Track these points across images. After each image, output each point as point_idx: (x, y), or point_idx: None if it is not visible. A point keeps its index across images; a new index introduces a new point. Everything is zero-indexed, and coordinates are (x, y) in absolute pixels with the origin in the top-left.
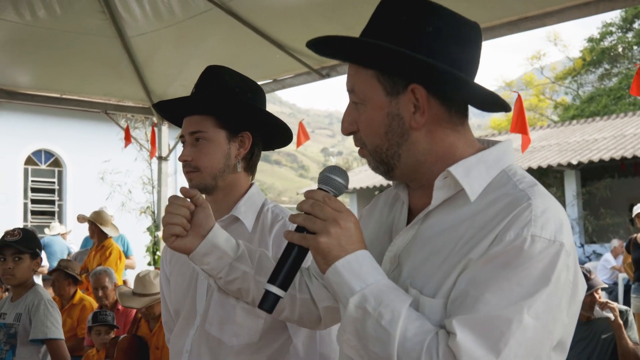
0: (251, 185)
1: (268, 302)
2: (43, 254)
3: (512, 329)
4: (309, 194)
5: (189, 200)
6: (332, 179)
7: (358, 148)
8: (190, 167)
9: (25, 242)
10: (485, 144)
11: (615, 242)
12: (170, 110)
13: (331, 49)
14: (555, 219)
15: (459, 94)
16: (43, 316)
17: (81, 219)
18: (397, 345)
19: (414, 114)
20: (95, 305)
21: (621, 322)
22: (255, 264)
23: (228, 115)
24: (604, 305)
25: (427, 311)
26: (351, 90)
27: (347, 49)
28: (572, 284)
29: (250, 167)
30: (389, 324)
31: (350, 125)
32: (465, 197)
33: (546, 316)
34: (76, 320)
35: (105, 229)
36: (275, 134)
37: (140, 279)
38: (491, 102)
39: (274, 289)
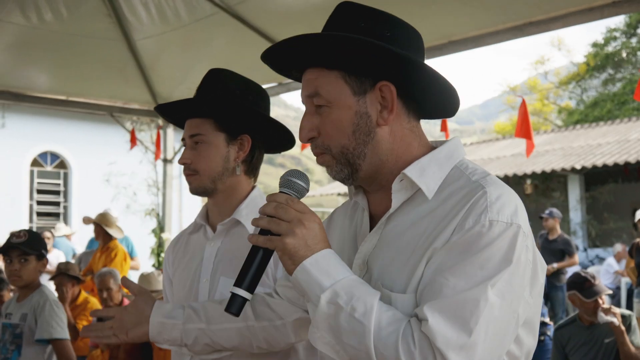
0: (253, 187)
1: (235, 306)
2: (55, 253)
3: (480, 307)
4: (271, 198)
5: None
6: (294, 182)
7: (316, 156)
8: (189, 170)
9: (31, 244)
10: (435, 144)
11: (619, 247)
12: (172, 113)
13: (291, 54)
14: (510, 203)
15: (426, 88)
16: (48, 316)
17: (87, 220)
18: (372, 335)
19: (381, 112)
20: (99, 305)
21: (624, 328)
22: (204, 317)
23: (227, 118)
24: (607, 311)
25: (400, 306)
26: (314, 94)
27: (313, 49)
28: (532, 264)
29: (252, 170)
30: (363, 316)
31: (311, 131)
32: (423, 195)
33: (510, 295)
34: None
35: (110, 231)
36: (277, 137)
37: (145, 276)
38: (448, 95)
39: (241, 292)
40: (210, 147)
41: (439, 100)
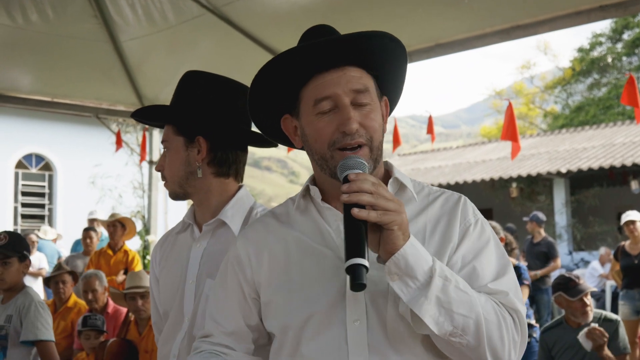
0: (240, 187)
1: (363, 276)
2: (38, 256)
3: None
4: (362, 176)
5: None
6: (365, 164)
7: (355, 147)
8: (162, 177)
9: (12, 246)
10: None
11: (603, 250)
12: (149, 120)
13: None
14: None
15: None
16: (34, 317)
17: (110, 221)
18: (480, 304)
19: (383, 116)
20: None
21: (606, 339)
22: None
23: (182, 120)
24: (589, 334)
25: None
26: (365, 90)
27: (356, 51)
28: None
29: (224, 171)
30: (466, 287)
31: (359, 125)
32: (406, 193)
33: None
34: (70, 323)
35: (127, 234)
36: (243, 135)
37: (136, 273)
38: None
39: (363, 261)
40: (172, 153)
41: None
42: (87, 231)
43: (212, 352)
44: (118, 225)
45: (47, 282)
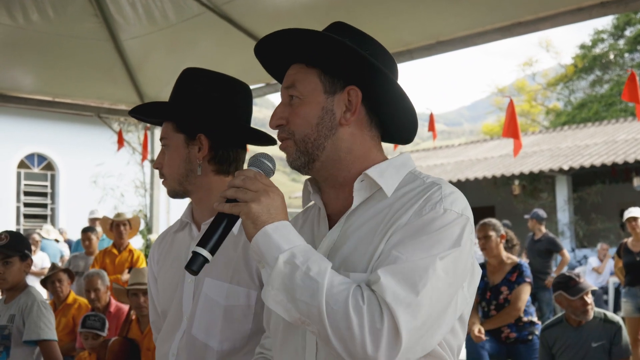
0: None
1: (196, 264)
2: (40, 255)
3: (429, 274)
4: (239, 172)
5: None
6: (263, 162)
7: (280, 142)
8: (161, 174)
9: (13, 245)
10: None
11: (599, 246)
12: (148, 117)
13: (282, 48)
14: (462, 200)
15: (388, 104)
16: (36, 317)
17: (117, 220)
18: (325, 292)
19: (345, 112)
20: (88, 306)
21: None
22: None
23: (182, 118)
24: None
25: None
26: (291, 86)
27: (301, 44)
28: (472, 260)
29: (224, 169)
30: (317, 274)
31: (280, 119)
32: (381, 195)
33: (453, 276)
34: (71, 319)
35: (132, 233)
36: (244, 133)
37: (139, 270)
38: (407, 126)
39: (204, 252)
40: (172, 150)
41: (400, 119)
42: (85, 232)
43: (262, 356)
44: (127, 224)
45: (44, 283)
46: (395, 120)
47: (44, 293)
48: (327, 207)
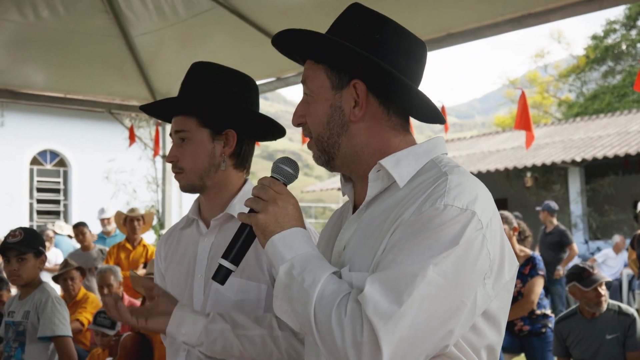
0: (245, 181)
1: (220, 275)
2: (54, 252)
3: (416, 282)
4: (259, 181)
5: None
6: (282, 168)
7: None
8: (176, 168)
9: (27, 242)
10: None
11: (617, 238)
12: (158, 112)
13: (290, 43)
14: (470, 191)
15: (396, 92)
16: (51, 313)
17: (132, 216)
18: (314, 303)
19: (354, 108)
20: (98, 301)
21: None
22: (229, 320)
23: (210, 113)
24: None
25: (359, 284)
26: (304, 82)
27: (302, 42)
28: (493, 256)
29: (241, 163)
30: (309, 286)
31: (300, 117)
32: (397, 186)
33: (456, 278)
34: (82, 312)
35: (145, 228)
36: (264, 127)
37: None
38: (429, 112)
39: (226, 264)
40: (195, 144)
41: (414, 104)
42: (77, 227)
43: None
44: (140, 220)
45: (56, 280)
46: (414, 105)
47: (58, 289)
48: (356, 197)
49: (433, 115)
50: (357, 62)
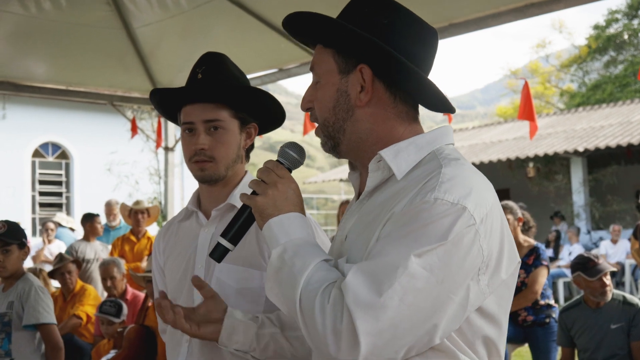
0: (246, 172)
1: (217, 253)
2: (57, 244)
3: (397, 274)
4: (265, 163)
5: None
6: (287, 152)
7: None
8: (205, 157)
9: (11, 234)
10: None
11: (612, 228)
12: (170, 99)
13: (300, 26)
14: (464, 186)
15: (402, 79)
16: (34, 302)
17: (137, 208)
18: (300, 288)
19: (360, 92)
20: (96, 293)
21: None
22: (277, 323)
23: (241, 105)
24: None
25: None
26: (312, 67)
27: (310, 26)
28: (487, 253)
29: (247, 155)
30: (298, 271)
31: (308, 102)
32: (392, 173)
33: (442, 272)
34: (80, 304)
35: (150, 220)
36: (277, 121)
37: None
38: (437, 100)
39: (224, 242)
40: (229, 134)
41: (421, 91)
42: (92, 218)
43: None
44: (145, 213)
45: (52, 275)
46: (421, 93)
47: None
48: (363, 187)
49: (442, 104)
50: (363, 46)
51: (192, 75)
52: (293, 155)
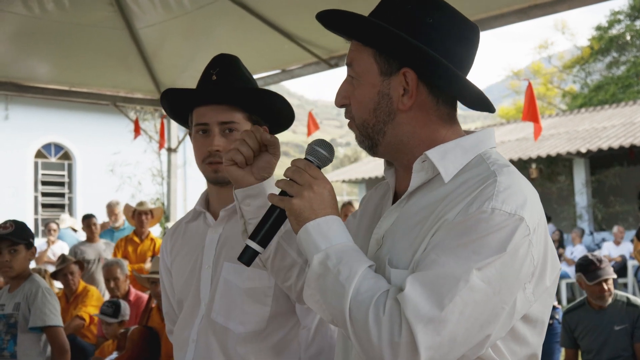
0: None
1: (246, 256)
2: (60, 244)
3: (459, 287)
4: (293, 162)
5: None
6: (317, 150)
7: (348, 121)
8: (219, 158)
9: (18, 234)
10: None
11: (616, 229)
12: (181, 100)
13: (338, 24)
14: (519, 195)
15: (446, 84)
16: (41, 304)
17: (141, 209)
18: (350, 298)
19: (403, 96)
20: (99, 294)
21: None
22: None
23: (254, 108)
24: None
25: (398, 282)
26: (350, 64)
27: (351, 25)
28: (536, 262)
29: None
30: (346, 279)
31: (344, 98)
32: (441, 179)
33: (499, 284)
34: (82, 305)
35: (153, 222)
36: (284, 123)
37: (157, 258)
38: (478, 101)
39: (254, 245)
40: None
41: (464, 94)
42: (88, 219)
43: None
44: (149, 214)
45: (55, 276)
46: (463, 94)
47: (57, 285)
48: (398, 184)
49: (483, 103)
50: (410, 52)
51: (206, 76)
52: (324, 153)
